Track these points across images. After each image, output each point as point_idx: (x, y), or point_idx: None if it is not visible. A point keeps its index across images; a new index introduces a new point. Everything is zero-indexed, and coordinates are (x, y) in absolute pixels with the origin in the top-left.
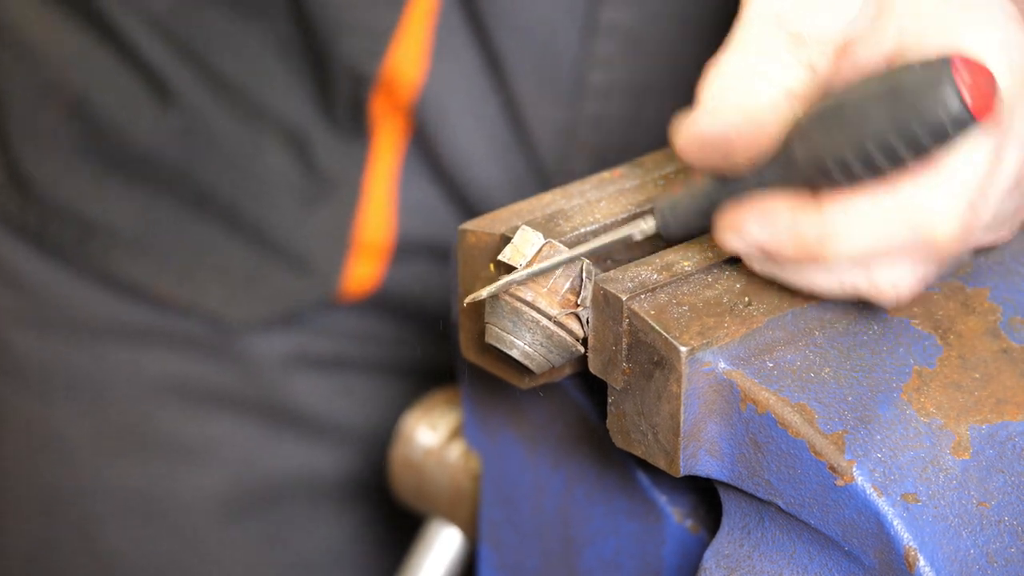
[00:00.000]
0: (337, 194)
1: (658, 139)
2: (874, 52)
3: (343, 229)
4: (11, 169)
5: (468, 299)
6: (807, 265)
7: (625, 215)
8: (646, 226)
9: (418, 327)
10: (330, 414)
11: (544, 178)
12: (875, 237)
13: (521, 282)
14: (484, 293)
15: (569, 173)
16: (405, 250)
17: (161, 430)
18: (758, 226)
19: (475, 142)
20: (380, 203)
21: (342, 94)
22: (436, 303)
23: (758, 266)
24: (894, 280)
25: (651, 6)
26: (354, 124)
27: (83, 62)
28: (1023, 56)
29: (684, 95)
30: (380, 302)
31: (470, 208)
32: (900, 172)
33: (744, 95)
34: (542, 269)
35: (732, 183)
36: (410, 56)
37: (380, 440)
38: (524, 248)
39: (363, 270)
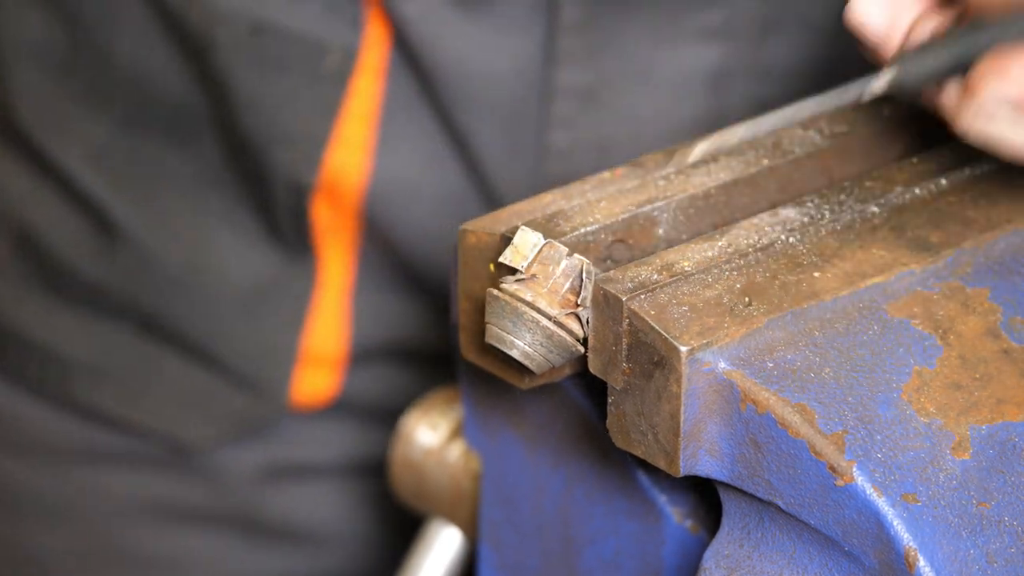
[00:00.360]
0: (283, 309)
1: None
2: None
3: (290, 344)
4: None
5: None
6: None
7: (625, 215)
8: (878, 82)
9: (386, 427)
10: (303, 520)
11: None
12: None
13: (520, 282)
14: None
15: None
16: (363, 356)
17: (134, 548)
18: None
19: (437, 224)
20: (330, 313)
21: (283, 208)
22: (401, 402)
23: (1005, 126)
24: None
25: (607, 64)
26: (298, 237)
27: (27, 197)
28: None
29: (646, 147)
30: (342, 408)
31: (434, 297)
32: None
33: None
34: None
35: (993, 29)
36: (351, 158)
37: (355, 540)
38: (524, 249)
39: (316, 381)
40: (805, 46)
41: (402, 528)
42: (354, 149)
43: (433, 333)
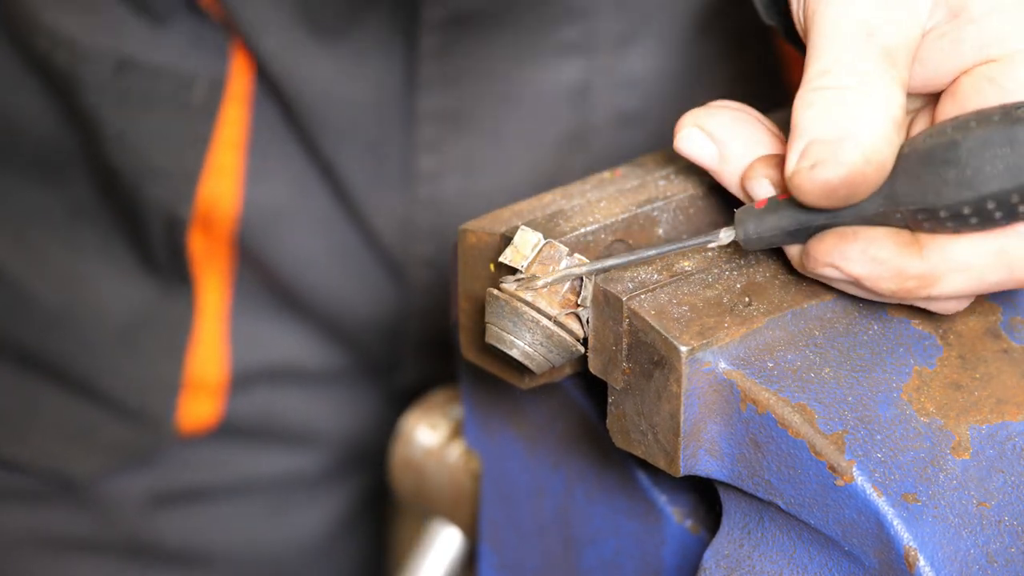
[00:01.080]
0: (162, 338)
1: (494, 207)
2: (952, 59)
3: (171, 373)
4: None
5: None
6: (899, 299)
7: (625, 215)
8: (725, 236)
9: (272, 447)
10: (194, 544)
11: (389, 265)
12: (974, 282)
13: (520, 282)
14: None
15: (413, 256)
16: (244, 380)
17: None
18: (860, 263)
19: (311, 248)
20: (210, 341)
21: (158, 240)
22: (287, 423)
23: (839, 286)
24: (964, 303)
25: (469, 87)
26: (174, 267)
27: None
28: None
29: (513, 164)
30: (227, 432)
31: (315, 317)
32: (1015, 222)
33: (862, 130)
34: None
35: (829, 212)
36: (223, 190)
37: (246, 561)
38: (524, 248)
39: (199, 407)
40: (663, 56)
41: (297, 542)
42: (226, 178)
43: (316, 352)
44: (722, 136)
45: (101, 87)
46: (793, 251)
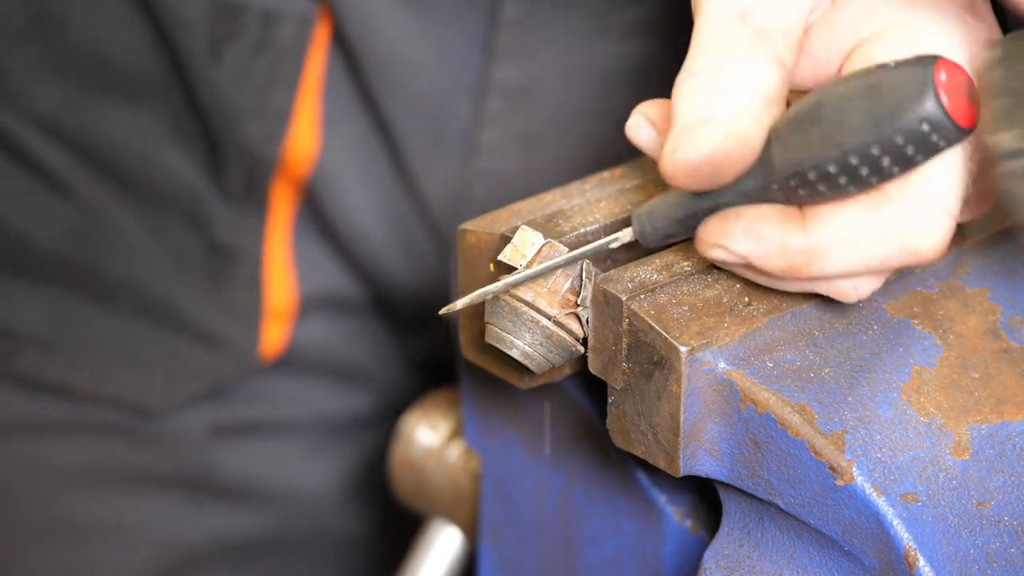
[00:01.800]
0: (241, 266)
1: (551, 185)
2: (833, 46)
3: (253, 299)
4: None
5: (444, 310)
6: (791, 278)
7: (626, 215)
8: (623, 235)
9: (321, 383)
10: (250, 478)
11: (438, 236)
12: (861, 256)
13: (519, 283)
14: (461, 304)
15: None
16: (307, 308)
17: (78, 516)
18: (744, 240)
19: (367, 207)
20: (280, 269)
21: (238, 172)
22: (339, 356)
23: (739, 271)
24: (861, 286)
25: (541, 61)
26: (249, 198)
27: None
28: (978, 46)
29: (572, 142)
30: (286, 363)
31: (364, 271)
32: (884, 182)
33: (723, 109)
34: (537, 271)
35: (711, 194)
36: (303, 133)
37: (302, 498)
38: (524, 248)
39: (273, 335)
40: None
41: (353, 483)
42: (306, 125)
43: (362, 292)
44: (663, 124)
45: (193, 23)
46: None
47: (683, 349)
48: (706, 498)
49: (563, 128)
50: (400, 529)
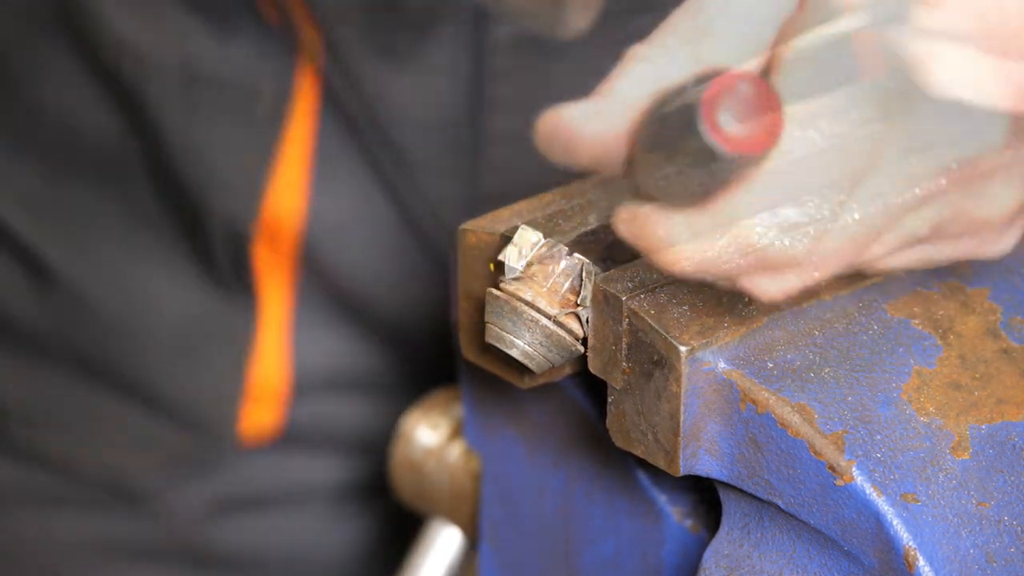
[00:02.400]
0: (224, 348)
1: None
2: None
3: (233, 382)
4: None
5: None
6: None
7: None
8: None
9: (332, 456)
10: (253, 553)
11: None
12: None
13: (520, 281)
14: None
15: None
16: (305, 388)
17: None
18: (625, 229)
19: (374, 263)
20: (272, 350)
21: (221, 251)
22: (344, 432)
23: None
24: (763, 287)
25: (536, 109)
26: (236, 278)
27: None
28: None
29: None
30: (287, 439)
31: (375, 329)
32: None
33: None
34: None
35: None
36: (288, 203)
37: (305, 566)
38: (524, 248)
39: (261, 416)
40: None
41: (354, 549)
42: (291, 192)
43: (374, 360)
44: None
45: (167, 97)
46: None
47: (683, 349)
48: (706, 498)
49: (567, 173)
50: None
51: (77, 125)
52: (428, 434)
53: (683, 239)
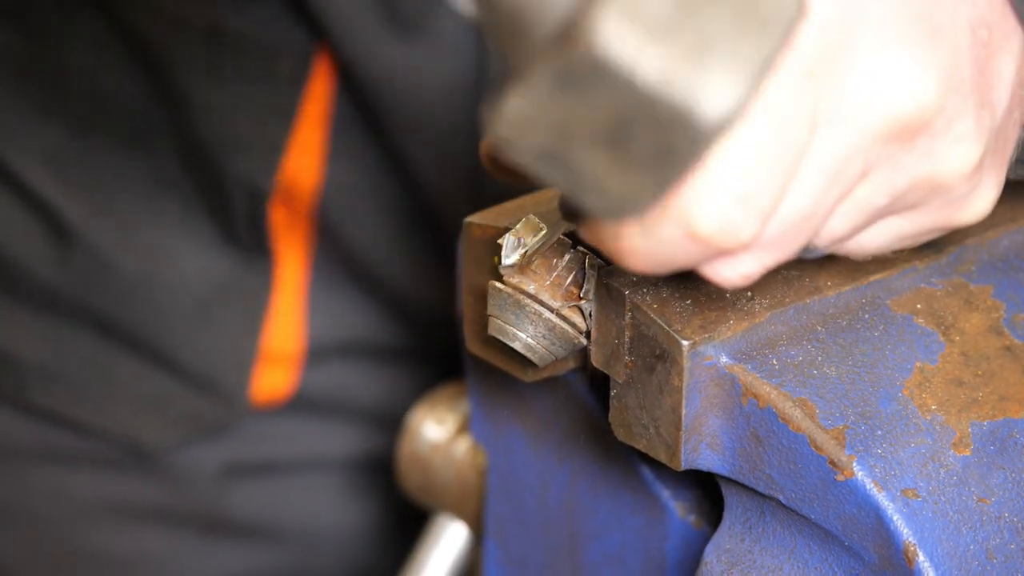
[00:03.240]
0: (240, 310)
1: None
2: None
3: (247, 344)
4: None
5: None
6: None
7: None
8: None
9: (346, 425)
10: (265, 517)
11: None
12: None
13: (523, 275)
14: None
15: None
16: (319, 353)
17: (95, 549)
18: (585, 234)
19: (383, 230)
20: (288, 313)
21: (239, 211)
22: (359, 399)
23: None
24: (721, 273)
25: None
26: (254, 239)
27: None
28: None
29: None
30: (300, 405)
31: (387, 297)
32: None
33: None
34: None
35: None
36: (305, 164)
37: (317, 535)
38: (525, 237)
39: (274, 379)
40: None
41: (366, 522)
42: (309, 153)
43: (387, 330)
44: None
45: (190, 56)
46: None
47: (685, 343)
48: (709, 493)
49: None
50: None
51: (102, 86)
52: (434, 429)
53: (634, 235)
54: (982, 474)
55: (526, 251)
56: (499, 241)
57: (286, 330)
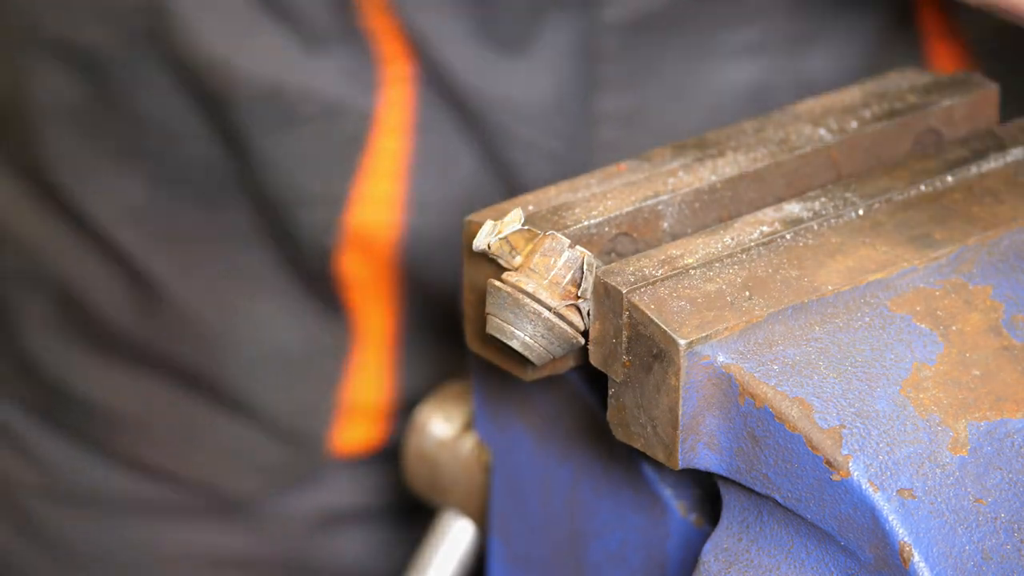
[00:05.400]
0: (318, 364)
1: None
2: None
3: (327, 396)
4: (16, 350)
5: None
6: None
7: (630, 209)
8: None
9: None
10: (353, 566)
11: None
12: None
13: (521, 273)
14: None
15: None
16: (414, 404)
17: None
18: None
19: None
20: (371, 367)
21: (311, 266)
22: None
23: None
24: None
25: (648, 87)
26: (329, 293)
27: (66, 254)
28: None
29: None
30: (394, 455)
31: None
32: None
33: None
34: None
35: None
36: (379, 215)
37: None
38: (506, 227)
39: (358, 431)
40: (845, 57)
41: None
42: (381, 206)
43: None
44: None
45: (253, 111)
46: None
47: (682, 342)
48: (710, 492)
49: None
50: None
51: (174, 139)
52: (442, 426)
53: None
54: (979, 475)
55: (500, 236)
56: (480, 233)
57: (370, 383)
